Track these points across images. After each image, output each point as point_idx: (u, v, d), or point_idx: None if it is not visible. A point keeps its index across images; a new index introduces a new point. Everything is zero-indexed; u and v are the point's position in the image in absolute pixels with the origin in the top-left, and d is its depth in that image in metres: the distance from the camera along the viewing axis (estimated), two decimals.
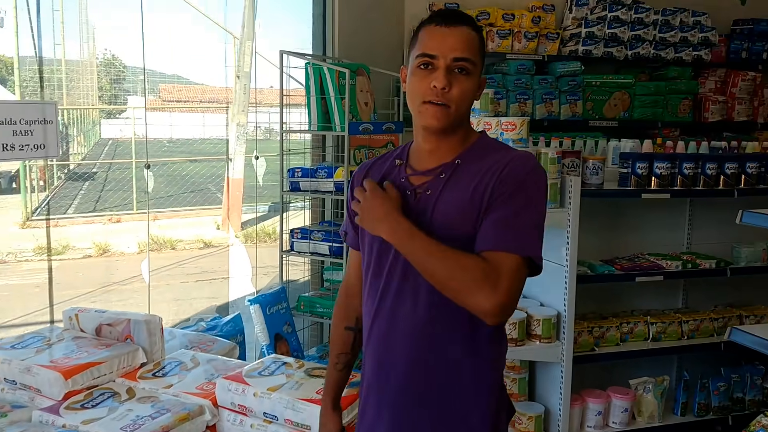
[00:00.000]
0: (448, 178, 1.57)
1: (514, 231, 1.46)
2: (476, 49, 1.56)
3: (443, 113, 1.53)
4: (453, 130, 1.58)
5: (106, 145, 18.80)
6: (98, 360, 2.46)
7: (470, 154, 1.59)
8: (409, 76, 1.59)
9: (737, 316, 3.69)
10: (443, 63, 1.52)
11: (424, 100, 1.54)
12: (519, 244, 1.46)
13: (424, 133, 1.60)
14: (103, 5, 21.20)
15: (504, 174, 1.51)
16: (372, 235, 1.61)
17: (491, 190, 1.50)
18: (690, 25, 5.07)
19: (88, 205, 11.77)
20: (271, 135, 14.84)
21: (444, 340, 1.57)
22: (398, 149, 1.74)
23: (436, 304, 1.54)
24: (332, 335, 1.87)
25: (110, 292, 7.39)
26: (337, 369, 1.84)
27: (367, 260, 1.67)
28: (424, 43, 1.55)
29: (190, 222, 10.81)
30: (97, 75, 17.92)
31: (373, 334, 1.65)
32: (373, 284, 1.64)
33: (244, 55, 9.64)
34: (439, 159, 1.60)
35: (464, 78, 1.54)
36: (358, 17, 4.27)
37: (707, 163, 3.47)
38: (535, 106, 4.72)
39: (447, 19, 1.55)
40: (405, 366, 1.60)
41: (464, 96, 1.54)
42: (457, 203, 1.53)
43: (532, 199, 1.51)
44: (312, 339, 4.14)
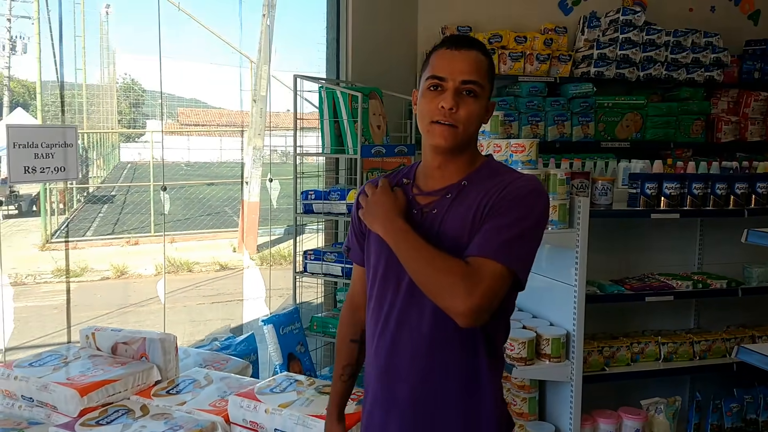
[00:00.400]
0: (454, 198, 1.61)
1: (501, 240, 1.49)
2: (485, 72, 1.61)
3: (451, 133, 1.58)
4: (460, 150, 1.63)
5: (124, 168, 19.04)
6: (113, 377, 2.51)
7: (476, 176, 1.64)
8: (420, 98, 1.64)
9: (750, 337, 3.68)
10: (452, 85, 1.57)
11: (432, 120, 1.59)
12: (504, 253, 1.48)
13: (432, 152, 1.65)
14: (124, 30, 21.61)
15: (505, 191, 1.55)
16: (378, 253, 1.65)
17: (491, 204, 1.54)
18: (702, 45, 5.11)
19: (107, 227, 11.92)
20: (287, 158, 14.98)
21: (448, 358, 1.59)
22: (406, 169, 1.79)
23: (441, 321, 1.57)
24: (337, 347, 1.92)
25: (127, 313, 7.47)
26: (342, 380, 1.88)
27: (372, 279, 1.71)
28: (435, 65, 1.61)
29: (206, 245, 10.90)
30: (117, 99, 18.23)
31: (377, 351, 1.68)
32: (378, 302, 1.68)
33: (261, 79, 9.79)
34: (446, 180, 1.65)
35: (472, 100, 1.59)
36: (371, 42, 4.36)
37: (717, 183, 3.48)
38: (548, 128, 4.76)
39: (457, 43, 1.61)
40: (411, 383, 1.62)
41: (471, 117, 1.59)
42: (461, 221, 1.57)
43: (527, 216, 1.53)
44: (325, 359, 4.17)
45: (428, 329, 1.59)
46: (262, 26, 9.65)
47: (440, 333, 1.59)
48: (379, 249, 1.66)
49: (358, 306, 1.85)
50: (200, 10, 17.02)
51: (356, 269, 1.87)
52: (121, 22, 22.20)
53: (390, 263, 1.63)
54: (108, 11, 15.67)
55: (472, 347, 1.59)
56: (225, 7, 21.18)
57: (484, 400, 1.61)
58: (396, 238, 1.57)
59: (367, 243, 1.74)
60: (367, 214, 1.66)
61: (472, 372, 1.60)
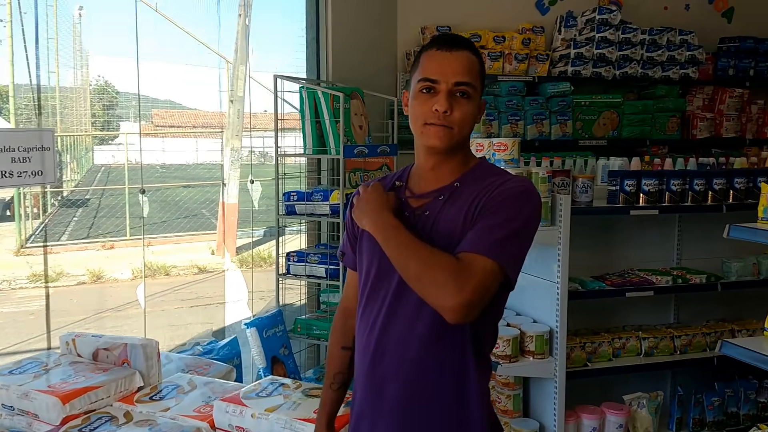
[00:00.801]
0: (446, 200, 1.61)
1: (493, 237, 1.48)
2: (477, 73, 1.60)
3: (446, 133, 1.57)
4: (454, 151, 1.62)
5: (98, 171, 18.82)
6: (96, 384, 2.47)
7: (469, 177, 1.63)
8: (411, 100, 1.63)
9: (729, 331, 3.72)
10: (445, 87, 1.56)
11: (426, 122, 1.58)
12: (495, 250, 1.47)
13: (426, 153, 1.64)
14: (97, 32, 21.35)
15: (497, 191, 1.55)
16: (371, 255, 1.64)
17: (483, 203, 1.54)
18: (677, 44, 5.16)
19: (82, 231, 11.76)
20: (265, 159, 14.90)
21: (437, 360, 1.58)
22: (399, 171, 1.78)
23: (434, 327, 1.56)
24: (329, 355, 1.89)
25: (104, 318, 7.37)
26: (332, 389, 1.85)
27: (364, 281, 1.69)
28: (426, 67, 1.59)
29: (184, 247, 10.80)
30: (90, 101, 18.01)
31: (366, 355, 1.66)
32: (368, 306, 1.66)
33: (238, 80, 9.73)
34: (438, 181, 1.64)
35: (465, 101, 1.58)
36: (351, 42, 4.34)
37: (695, 179, 3.53)
38: (527, 127, 4.78)
39: (448, 43, 1.59)
40: (399, 389, 1.61)
41: (465, 119, 1.58)
42: (453, 222, 1.56)
43: (519, 215, 1.52)
44: (309, 361, 4.15)
45: (418, 332, 1.58)
46: (238, 26, 9.59)
47: (430, 335, 1.57)
48: (371, 251, 1.65)
49: (351, 313, 1.82)
50: (175, 10, 16.86)
51: (350, 275, 1.85)
52: (94, 23, 21.93)
53: (382, 265, 1.61)
54: (81, 13, 15.48)
55: (461, 350, 1.58)
56: (201, 7, 21.02)
57: (473, 405, 1.60)
58: (386, 234, 1.55)
59: (359, 246, 1.72)
60: (357, 210, 1.65)
61: (461, 375, 1.59)
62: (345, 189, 3.55)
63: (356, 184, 4.07)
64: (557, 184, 3.30)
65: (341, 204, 3.51)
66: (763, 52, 5.48)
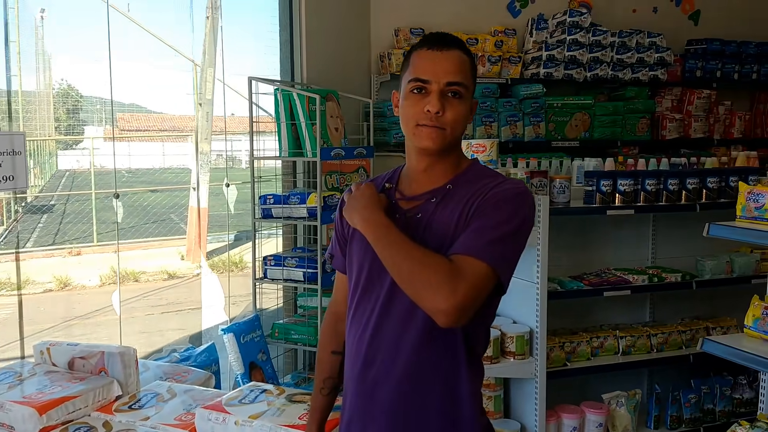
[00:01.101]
0: (438, 202, 1.58)
1: (486, 240, 1.45)
2: (468, 72, 1.58)
3: (438, 134, 1.55)
4: (447, 153, 1.60)
5: (63, 176, 18.46)
6: (73, 394, 2.41)
7: (462, 180, 1.61)
8: (402, 101, 1.60)
9: (704, 328, 3.78)
10: (436, 87, 1.53)
11: (418, 123, 1.55)
12: (488, 252, 1.44)
13: (419, 155, 1.61)
14: (59, 35, 20.95)
15: (491, 193, 1.53)
16: (361, 257, 1.62)
17: (477, 206, 1.52)
18: (646, 46, 5.23)
19: (48, 238, 11.52)
20: (233, 163, 14.75)
21: (432, 366, 1.56)
22: (389, 173, 1.75)
23: (426, 330, 1.54)
24: (318, 360, 1.86)
25: (73, 326, 7.23)
26: (323, 394, 1.82)
27: (354, 283, 1.66)
28: (417, 67, 1.56)
29: (152, 253, 10.64)
30: (54, 105, 17.67)
31: (358, 359, 1.63)
32: (359, 309, 1.64)
33: (206, 83, 9.61)
34: (430, 183, 1.61)
35: (457, 101, 1.55)
36: (325, 43, 4.32)
37: (669, 179, 3.57)
38: (501, 129, 4.80)
39: (439, 42, 1.57)
40: (391, 393, 1.58)
41: (458, 120, 1.56)
42: (446, 225, 1.54)
43: (513, 218, 1.50)
44: (287, 366, 4.11)
45: (411, 335, 1.56)
46: (206, 28, 9.47)
47: (423, 339, 1.55)
48: (362, 253, 1.62)
49: (341, 317, 1.79)
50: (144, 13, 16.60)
51: (339, 278, 1.82)
52: (57, 26, 21.51)
53: (374, 267, 1.58)
54: (43, 15, 15.16)
55: (453, 353, 1.56)
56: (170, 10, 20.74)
57: (465, 408, 1.58)
58: (376, 233, 1.52)
59: (349, 248, 1.69)
60: (347, 208, 1.62)
61: (453, 378, 1.57)
62: (322, 192, 3.52)
63: (332, 186, 4.04)
64: (535, 185, 3.32)
65: (319, 207, 3.48)
66: (729, 54, 5.58)
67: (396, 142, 4.48)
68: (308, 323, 3.65)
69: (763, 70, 5.69)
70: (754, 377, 3.79)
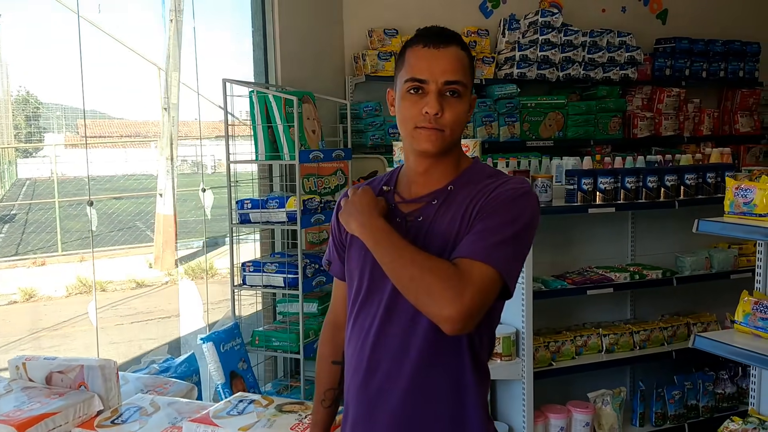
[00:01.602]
0: (440, 204, 1.52)
1: (491, 242, 1.40)
2: (467, 69, 1.52)
3: (438, 136, 1.49)
4: (446, 153, 1.54)
5: (23, 185, 18.02)
6: (52, 410, 2.30)
7: (463, 180, 1.55)
8: (399, 101, 1.53)
9: (685, 325, 3.80)
10: (434, 87, 1.47)
11: (416, 125, 1.49)
12: (494, 256, 1.39)
13: (418, 157, 1.55)
14: (16, 40, 20.43)
15: (495, 193, 1.47)
16: (361, 263, 1.56)
17: (480, 206, 1.46)
18: (616, 45, 5.27)
19: (10, 248, 11.20)
20: (197, 168, 14.53)
21: (437, 373, 1.51)
22: (386, 175, 1.68)
23: (430, 336, 1.49)
24: (318, 370, 1.79)
25: (41, 338, 7.03)
26: (324, 406, 1.76)
27: (355, 291, 1.59)
28: (413, 66, 1.50)
29: (119, 262, 10.41)
30: (12, 113, 17.23)
31: (360, 369, 1.57)
32: (360, 317, 1.58)
33: (171, 87, 9.45)
34: (431, 185, 1.55)
35: (456, 101, 1.49)
36: (299, 45, 4.25)
37: (648, 176, 3.59)
38: (476, 129, 4.79)
39: (435, 39, 1.50)
40: (395, 402, 1.52)
41: (458, 120, 1.50)
42: (448, 227, 1.48)
43: (518, 219, 1.45)
44: (267, 374, 4.03)
45: (413, 343, 1.50)
46: (169, 32, 9.31)
47: (426, 346, 1.50)
48: (361, 259, 1.56)
49: (340, 325, 1.72)
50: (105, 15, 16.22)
51: (337, 285, 1.75)
52: (14, 31, 20.98)
53: (374, 273, 1.53)
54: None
55: (457, 360, 1.51)
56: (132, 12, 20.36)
57: (471, 414, 1.53)
58: (375, 238, 1.46)
59: (348, 254, 1.63)
60: (344, 213, 1.55)
61: (458, 385, 1.52)
62: (301, 195, 3.46)
63: (310, 190, 3.98)
64: None
65: (298, 210, 3.41)
66: (697, 53, 5.66)
67: (373, 144, 4.43)
68: (289, 330, 3.57)
69: (730, 68, 5.79)
70: (735, 372, 3.83)
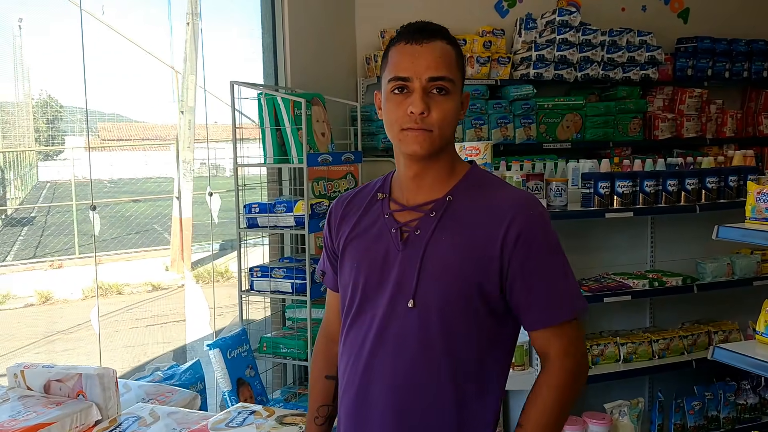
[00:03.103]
0: (440, 217, 1.44)
1: (563, 295, 1.43)
2: (453, 64, 1.43)
3: (426, 137, 1.40)
4: (438, 156, 1.46)
5: (44, 188, 18.19)
6: (49, 420, 2.25)
7: (462, 190, 1.47)
8: (384, 102, 1.45)
9: (706, 333, 3.68)
10: (418, 85, 1.39)
11: (402, 127, 1.41)
12: (575, 305, 1.44)
13: (407, 161, 1.47)
14: (38, 44, 20.67)
15: (523, 236, 1.40)
16: (355, 275, 1.48)
17: (510, 252, 1.40)
18: (636, 44, 5.14)
19: (28, 251, 11.28)
20: (217, 171, 14.56)
21: (431, 392, 1.43)
22: (379, 181, 1.59)
23: (423, 353, 1.42)
24: (311, 386, 1.72)
25: (55, 341, 7.03)
26: (317, 423, 1.67)
27: (348, 303, 1.51)
28: (395, 64, 1.42)
29: (136, 265, 10.44)
30: (33, 116, 17.40)
31: (353, 385, 1.50)
32: (353, 330, 1.50)
33: (188, 90, 9.45)
34: (427, 193, 1.47)
35: (443, 99, 1.40)
36: (309, 46, 4.18)
37: (668, 179, 3.47)
38: (491, 131, 4.69)
39: (417, 34, 1.42)
40: (389, 419, 1.45)
41: (446, 118, 1.41)
42: (451, 247, 1.40)
43: (557, 251, 1.47)
44: (275, 381, 3.96)
45: (410, 362, 1.43)
46: (187, 35, 9.32)
47: (422, 362, 1.42)
48: (355, 270, 1.48)
49: (334, 338, 1.65)
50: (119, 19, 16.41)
51: (330, 296, 1.68)
52: (35, 35, 21.23)
53: (368, 284, 1.45)
54: (21, 25, 14.94)
55: (455, 377, 1.43)
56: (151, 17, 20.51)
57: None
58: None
59: (341, 264, 1.55)
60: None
61: (456, 403, 1.44)
62: (309, 199, 3.38)
63: (320, 193, 3.91)
64: (531, 189, 3.20)
65: (306, 215, 3.34)
66: (720, 52, 5.50)
67: (384, 147, 4.35)
68: (297, 336, 3.50)
69: (754, 68, 5.62)
70: (758, 382, 3.70)
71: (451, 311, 1.41)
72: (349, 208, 1.57)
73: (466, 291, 1.39)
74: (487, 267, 1.39)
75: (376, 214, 1.51)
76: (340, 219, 1.57)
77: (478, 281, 1.39)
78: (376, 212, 1.51)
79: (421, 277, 1.40)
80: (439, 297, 1.40)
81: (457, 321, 1.41)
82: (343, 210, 1.58)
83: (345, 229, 1.55)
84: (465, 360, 1.44)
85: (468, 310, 1.41)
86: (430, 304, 1.41)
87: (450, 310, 1.41)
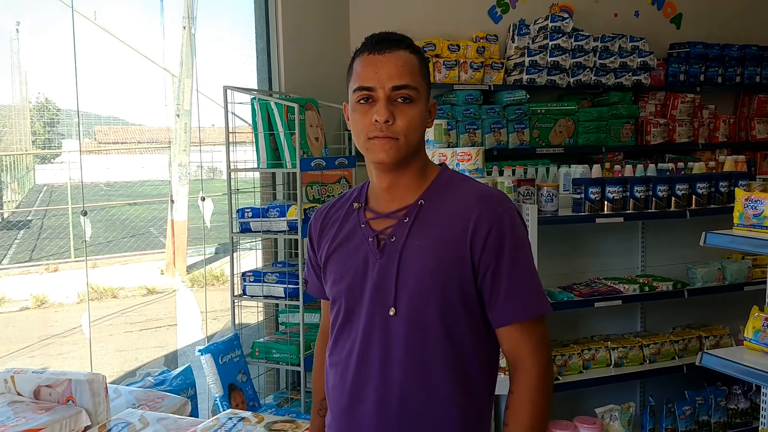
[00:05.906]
0: (412, 221, 1.46)
1: (529, 291, 1.46)
2: (416, 72, 1.45)
3: (392, 145, 1.42)
4: (407, 162, 1.48)
5: (40, 191, 18.16)
6: (38, 426, 2.26)
7: (433, 193, 1.50)
8: (351, 113, 1.48)
9: (697, 338, 3.69)
10: (382, 94, 1.41)
11: (369, 136, 1.43)
12: (540, 303, 1.47)
13: (378, 171, 1.49)
14: (36, 47, 20.63)
15: (491, 236, 1.43)
16: (338, 285, 1.51)
17: (480, 250, 1.43)
18: (629, 50, 5.16)
19: (24, 254, 11.26)
20: (214, 174, 14.56)
21: (422, 396, 1.45)
22: (355, 191, 1.62)
23: (409, 359, 1.44)
24: (314, 381, 1.77)
25: (49, 345, 7.02)
26: (320, 415, 1.72)
27: (335, 312, 1.54)
28: (359, 74, 1.45)
29: (131, 268, 10.43)
30: (31, 119, 17.37)
31: (343, 393, 1.52)
32: (339, 341, 1.53)
33: (183, 93, 9.46)
34: (400, 199, 1.50)
35: (408, 107, 1.43)
36: (303, 51, 4.19)
37: (658, 185, 3.48)
38: (485, 136, 4.70)
39: (379, 44, 1.45)
40: (380, 425, 1.48)
41: (411, 126, 1.43)
42: (425, 250, 1.43)
43: (525, 248, 1.48)
44: (268, 386, 3.96)
45: (397, 367, 1.45)
46: (183, 39, 9.33)
47: (407, 370, 1.45)
48: (336, 286, 1.51)
49: None
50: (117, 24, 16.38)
51: (324, 302, 1.71)
52: (32, 38, 21.19)
53: (350, 298, 1.48)
54: (18, 29, 14.93)
55: (443, 380, 1.46)
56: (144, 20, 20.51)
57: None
58: None
59: (324, 277, 1.58)
60: None
61: (444, 406, 1.46)
62: (302, 204, 3.39)
63: (313, 198, 3.92)
64: (522, 194, 3.22)
65: (299, 219, 3.35)
66: (712, 57, 5.53)
67: None
68: (290, 341, 3.50)
69: (746, 73, 5.65)
70: (749, 387, 3.71)
71: (432, 315, 1.43)
72: (326, 221, 1.60)
73: (444, 293, 1.42)
74: (462, 266, 1.42)
75: (354, 224, 1.53)
76: (320, 232, 1.60)
77: (456, 282, 1.42)
78: (353, 222, 1.54)
79: (400, 285, 1.42)
80: (418, 303, 1.43)
81: (439, 324, 1.43)
82: (321, 223, 1.61)
83: (325, 243, 1.57)
84: (451, 362, 1.46)
85: (448, 312, 1.44)
86: (410, 311, 1.43)
87: (431, 313, 1.43)
